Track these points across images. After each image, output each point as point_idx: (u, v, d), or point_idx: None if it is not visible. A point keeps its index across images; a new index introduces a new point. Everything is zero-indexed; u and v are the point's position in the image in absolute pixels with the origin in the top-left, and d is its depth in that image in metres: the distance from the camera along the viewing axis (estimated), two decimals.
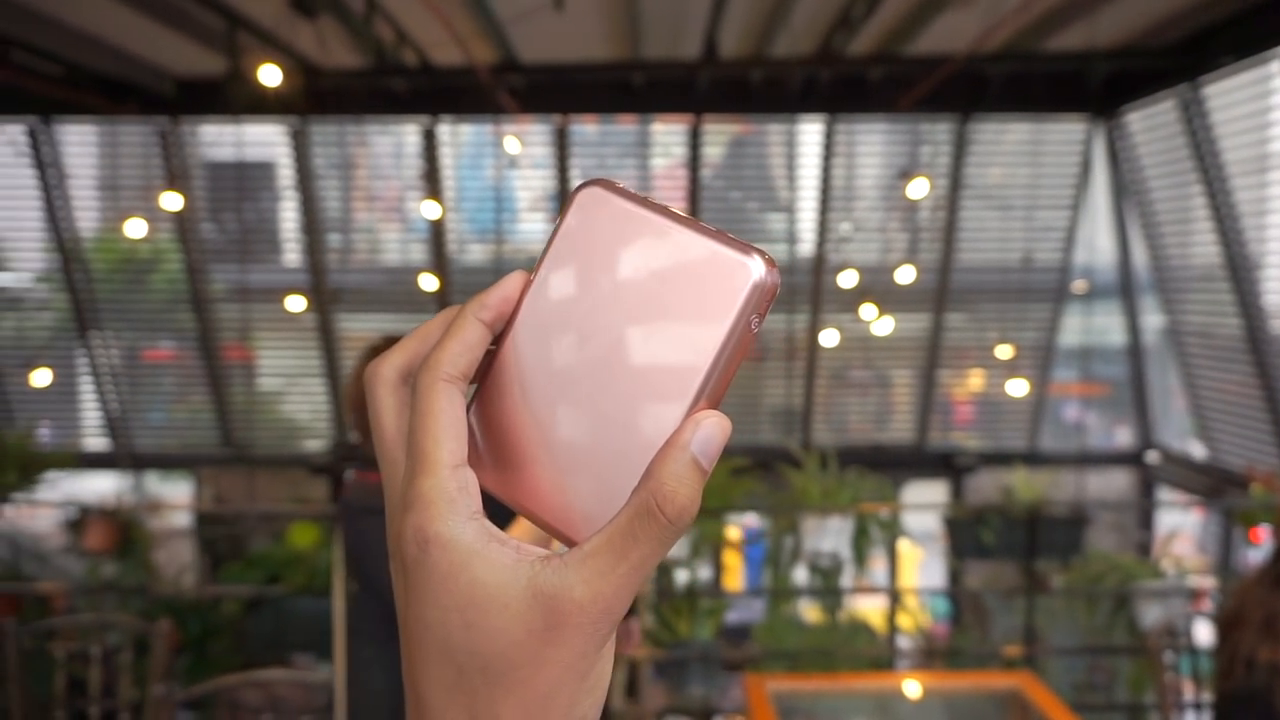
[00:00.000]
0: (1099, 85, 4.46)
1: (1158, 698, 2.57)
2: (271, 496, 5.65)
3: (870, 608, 4.88)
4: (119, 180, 5.69)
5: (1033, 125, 5.26)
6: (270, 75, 3.54)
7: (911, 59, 4.46)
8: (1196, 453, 5.46)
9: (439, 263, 5.44)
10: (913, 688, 2.23)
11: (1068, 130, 5.18)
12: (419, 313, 5.89)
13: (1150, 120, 4.78)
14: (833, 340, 5.11)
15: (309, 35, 3.96)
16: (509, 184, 5.65)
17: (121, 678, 2.68)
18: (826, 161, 5.14)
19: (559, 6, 3.58)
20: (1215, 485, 5.01)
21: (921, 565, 6.49)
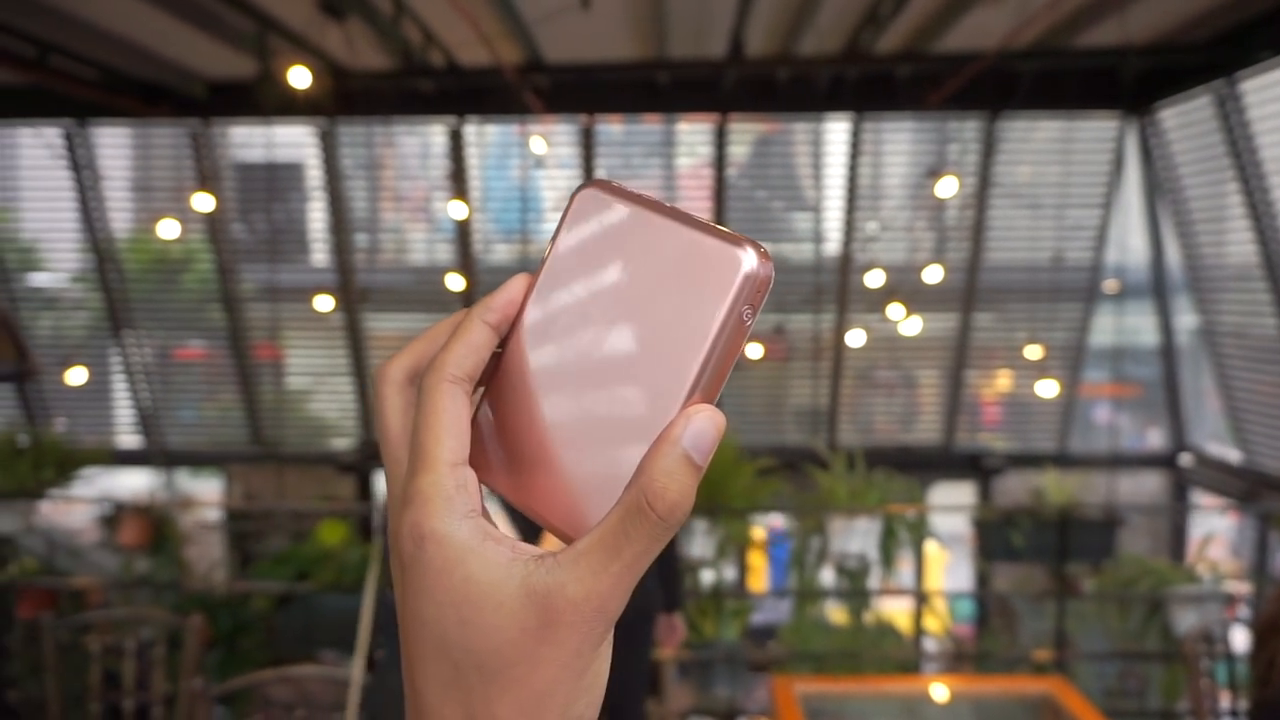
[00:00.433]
0: (1132, 81, 4.39)
1: (1193, 705, 2.53)
2: (300, 494, 5.71)
3: (897, 610, 4.84)
4: (152, 181, 5.78)
5: (1063, 122, 5.19)
6: (300, 77, 3.57)
7: (940, 56, 4.42)
8: (1231, 455, 5.37)
9: (465, 263, 5.47)
10: (942, 691, 2.21)
11: (1099, 127, 5.11)
12: (445, 312, 5.90)
13: (1185, 117, 4.70)
14: (859, 340, 5.07)
15: (338, 37, 4.00)
16: (534, 184, 5.67)
17: (154, 672, 2.72)
18: (853, 160, 5.11)
19: (585, 6, 3.58)
20: (1250, 489, 4.92)
21: (948, 567, 6.43)
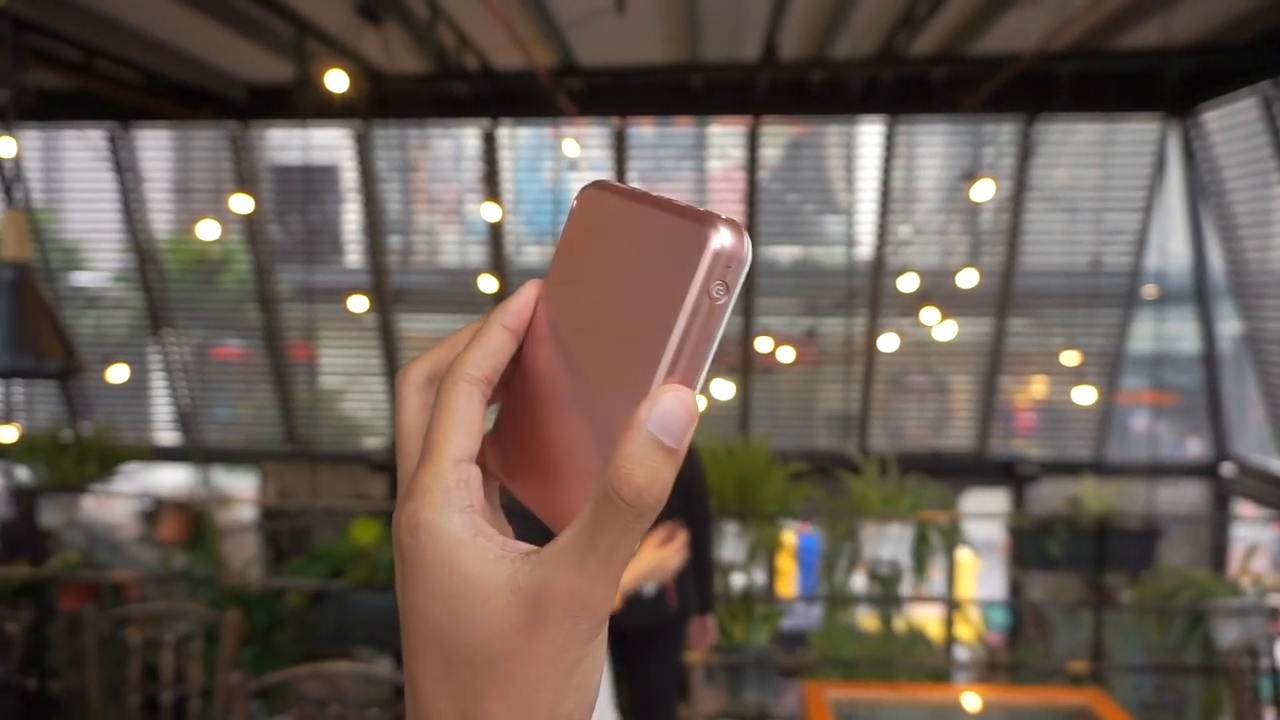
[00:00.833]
0: (1175, 83, 4.31)
1: None
2: (332, 492, 5.78)
3: (928, 617, 4.79)
4: (192, 183, 5.89)
5: (1103, 125, 5.11)
6: (337, 81, 3.62)
7: (976, 59, 4.37)
8: (1275, 466, 5.24)
9: (497, 264, 5.50)
10: (977, 701, 2.18)
11: (1140, 130, 5.02)
12: (477, 313, 5.96)
13: (1229, 119, 4.61)
14: (892, 345, 5.03)
15: (374, 41, 4.05)
16: (566, 186, 5.69)
17: (191, 665, 2.77)
18: (887, 163, 5.07)
19: (621, 9, 3.59)
20: None
21: (979, 575, 6.35)
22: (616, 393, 0.34)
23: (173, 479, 6.38)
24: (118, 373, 5.34)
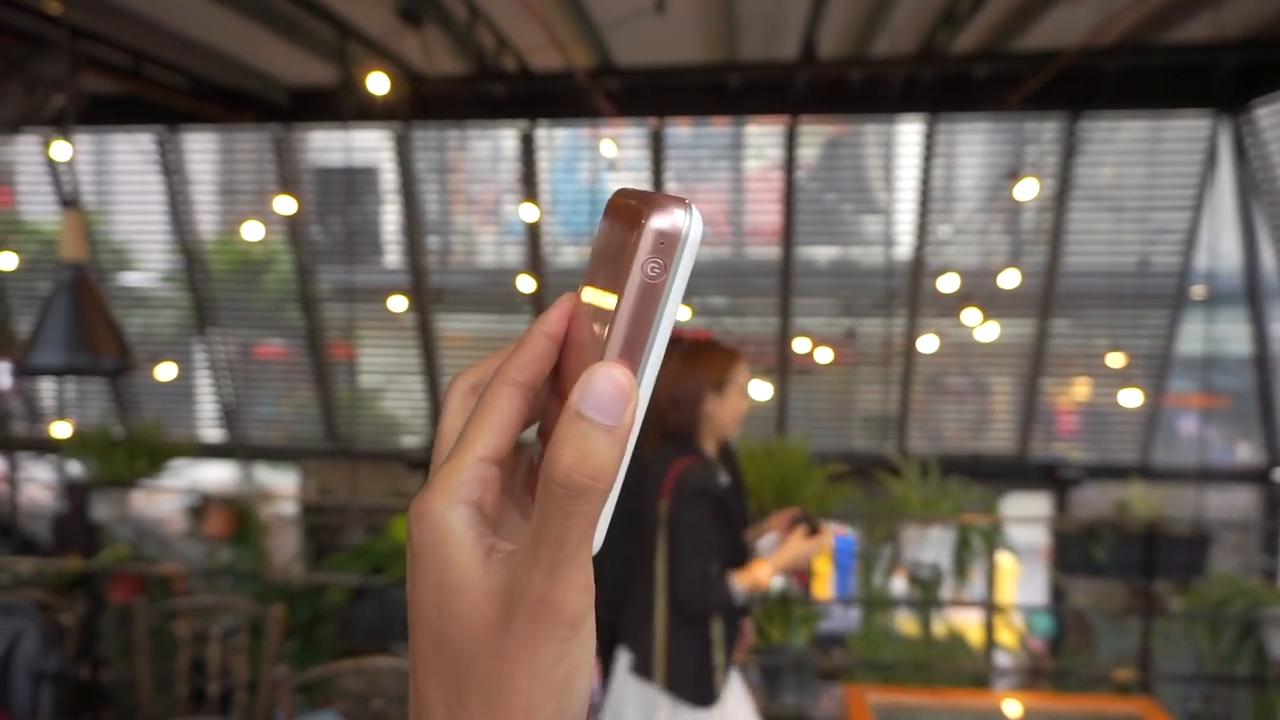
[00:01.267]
0: (1226, 78, 4.21)
1: None
2: (371, 490, 5.85)
3: (968, 621, 4.72)
4: (236, 185, 6.00)
5: (1150, 122, 5.00)
6: (378, 83, 3.66)
7: (1019, 55, 4.30)
8: None
9: (534, 264, 5.53)
10: (1023, 708, 2.14)
11: (1190, 126, 4.90)
12: (514, 313, 6.01)
13: None
14: (932, 346, 4.97)
15: (414, 44, 4.10)
16: (603, 186, 5.70)
17: (237, 658, 2.82)
18: (927, 162, 5.01)
19: (660, 9, 3.59)
20: None
21: (1019, 580, 6.24)
22: None
23: (217, 475, 6.51)
24: (165, 371, 5.46)
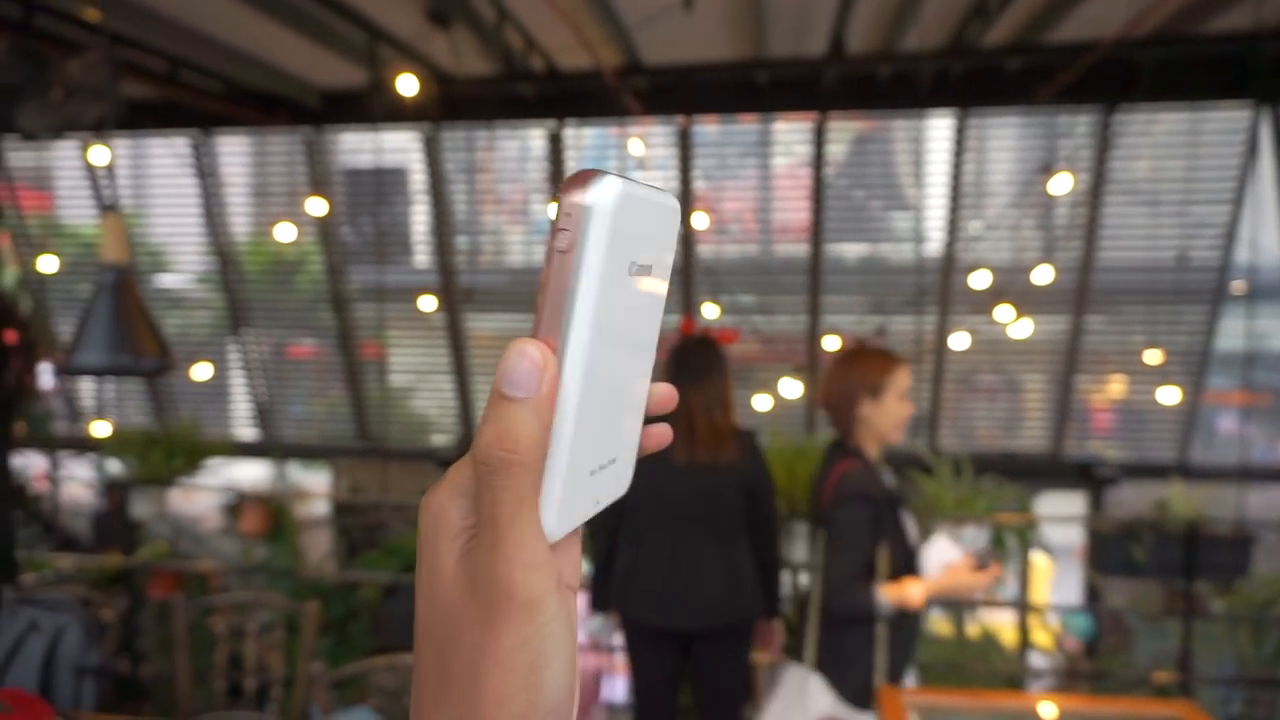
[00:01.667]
0: (1267, 68, 4.11)
1: None
2: (402, 488, 5.91)
3: (1002, 622, 4.67)
4: (269, 187, 6.08)
5: (1188, 114, 4.90)
6: (407, 85, 3.69)
7: (1052, 47, 4.23)
8: None
9: None
10: (1060, 711, 2.11)
11: (1229, 118, 4.80)
12: None
13: None
14: (963, 343, 4.91)
15: (443, 45, 4.12)
16: None
17: (272, 654, 2.86)
18: (957, 158, 4.95)
19: (688, 7, 3.58)
20: None
21: (1053, 580, 6.16)
22: None
23: (251, 474, 6.61)
24: (201, 371, 5.55)
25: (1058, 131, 5.21)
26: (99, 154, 3.35)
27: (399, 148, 5.78)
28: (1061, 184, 4.17)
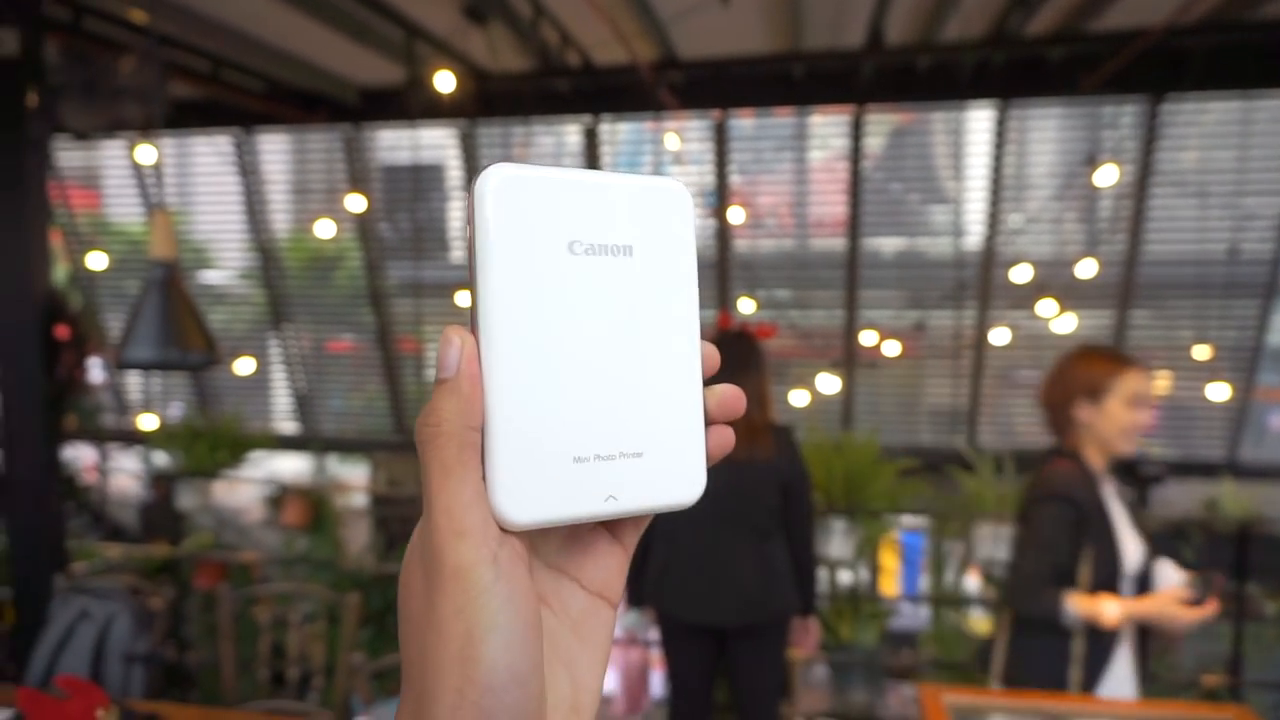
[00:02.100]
0: None
1: None
2: None
3: None
4: (308, 184, 6.17)
5: (1239, 103, 4.77)
6: (444, 81, 3.72)
7: (1097, 36, 4.14)
8: None
9: None
10: (1107, 713, 2.07)
11: None
12: None
13: None
14: (1004, 339, 4.83)
15: (479, 41, 4.14)
16: None
17: (314, 644, 2.91)
18: (998, 150, 4.87)
19: (724, 1, 3.56)
20: None
21: None
22: None
23: (291, 467, 6.72)
24: (244, 365, 5.65)
25: (1102, 122, 5.10)
26: (146, 153, 3.42)
27: (436, 144, 5.83)
28: (1106, 176, 4.08)
